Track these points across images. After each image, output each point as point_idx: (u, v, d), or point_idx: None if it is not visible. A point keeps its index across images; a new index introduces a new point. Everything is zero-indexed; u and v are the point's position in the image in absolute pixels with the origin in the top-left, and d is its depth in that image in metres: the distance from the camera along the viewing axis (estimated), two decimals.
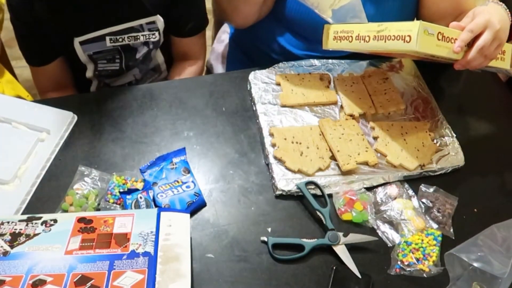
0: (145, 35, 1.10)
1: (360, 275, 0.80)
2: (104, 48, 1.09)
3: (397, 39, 0.85)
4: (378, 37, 0.89)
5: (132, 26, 1.07)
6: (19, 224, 0.77)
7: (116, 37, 1.08)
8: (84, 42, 1.06)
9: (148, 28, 1.09)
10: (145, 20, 1.08)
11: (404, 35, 0.83)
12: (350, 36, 0.95)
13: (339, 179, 0.91)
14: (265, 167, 0.94)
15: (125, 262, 0.72)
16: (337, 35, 0.98)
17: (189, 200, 0.87)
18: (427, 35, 0.82)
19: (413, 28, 0.82)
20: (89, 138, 0.97)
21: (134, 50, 1.13)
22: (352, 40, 0.95)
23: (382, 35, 0.88)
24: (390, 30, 0.86)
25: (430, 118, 1.03)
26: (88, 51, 1.09)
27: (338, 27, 0.98)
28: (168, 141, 0.97)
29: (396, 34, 0.85)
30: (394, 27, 0.86)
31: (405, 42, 0.83)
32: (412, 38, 0.82)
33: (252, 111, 1.03)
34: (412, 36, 0.82)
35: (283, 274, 0.81)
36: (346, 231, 0.84)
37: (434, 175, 0.94)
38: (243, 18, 1.14)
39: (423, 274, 0.82)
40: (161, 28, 1.11)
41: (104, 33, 1.06)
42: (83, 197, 0.86)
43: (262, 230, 0.86)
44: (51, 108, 0.98)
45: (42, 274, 0.70)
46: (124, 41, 1.09)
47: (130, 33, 1.08)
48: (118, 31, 1.07)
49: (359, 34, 0.93)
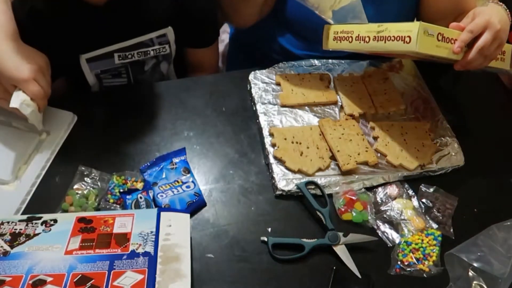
0: (156, 50, 1.06)
1: (360, 275, 0.80)
2: (113, 65, 1.05)
3: (397, 40, 0.85)
4: (378, 37, 0.89)
5: (142, 41, 1.03)
6: (19, 224, 0.77)
7: (125, 53, 1.03)
8: (91, 59, 1.02)
9: (159, 42, 1.05)
10: (155, 34, 1.03)
11: (404, 35, 0.83)
12: (350, 37, 0.95)
13: (339, 179, 0.91)
14: (265, 167, 0.94)
15: (125, 262, 0.72)
16: (337, 35, 0.98)
17: (189, 200, 0.87)
18: (427, 36, 0.82)
19: (413, 29, 0.82)
20: (89, 138, 0.97)
21: (142, 63, 1.09)
22: (352, 41, 0.95)
23: (382, 35, 0.88)
24: (390, 31, 0.86)
25: (430, 118, 1.03)
26: (96, 69, 1.05)
27: (338, 28, 0.98)
28: (168, 141, 0.97)
29: (396, 34, 0.85)
30: (394, 28, 0.86)
31: (405, 43, 0.83)
32: (412, 39, 0.82)
33: (252, 111, 1.03)
34: (412, 37, 0.82)
35: (283, 274, 0.81)
36: (346, 231, 0.84)
37: (434, 175, 0.94)
38: (243, 19, 1.13)
39: (423, 274, 0.82)
40: (171, 40, 1.06)
41: (112, 50, 1.02)
42: (83, 197, 0.86)
43: (262, 230, 0.86)
44: (51, 108, 0.98)
45: (42, 274, 0.70)
46: (134, 57, 1.04)
47: (139, 49, 1.04)
48: (127, 47, 1.02)
49: (359, 34, 0.93)
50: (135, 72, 1.10)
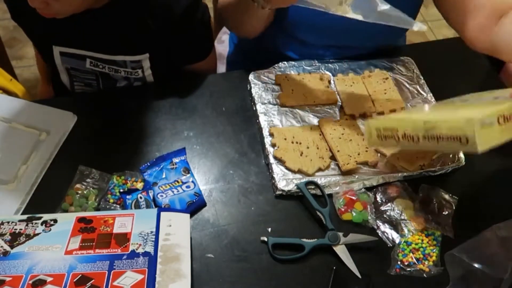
0: (127, 71, 1.04)
1: (360, 275, 0.80)
2: (83, 68, 1.04)
3: (451, 140, 0.72)
4: (428, 137, 0.75)
5: (114, 60, 1.02)
6: (19, 224, 0.77)
7: (96, 62, 1.02)
8: (64, 54, 1.02)
9: (132, 66, 1.03)
10: (129, 58, 1.02)
11: (459, 135, 0.70)
12: (396, 135, 0.81)
13: (339, 179, 0.91)
14: (265, 167, 0.94)
15: (125, 262, 0.72)
16: (380, 133, 0.85)
17: (189, 200, 0.87)
18: (486, 129, 0.68)
19: (467, 128, 0.69)
20: (89, 138, 0.97)
21: (113, 80, 1.08)
22: (399, 140, 0.81)
23: (432, 134, 0.75)
24: (441, 129, 0.73)
25: None
26: (67, 64, 1.05)
27: (379, 124, 0.85)
28: (168, 141, 0.97)
29: (449, 134, 0.72)
30: (444, 126, 0.72)
31: (462, 143, 0.70)
32: (470, 140, 0.69)
33: (252, 111, 1.03)
34: (469, 137, 0.69)
35: (283, 274, 0.81)
36: (346, 231, 0.84)
37: (434, 175, 0.94)
38: (247, 31, 1.09)
39: (423, 274, 0.82)
40: (145, 67, 1.04)
41: (85, 54, 1.02)
42: (83, 197, 0.86)
43: (262, 230, 0.86)
44: (51, 108, 0.98)
45: (42, 274, 0.70)
46: (105, 69, 1.03)
47: (111, 65, 1.03)
48: (99, 58, 1.02)
49: (405, 133, 0.79)
50: (105, 86, 1.09)
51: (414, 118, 0.82)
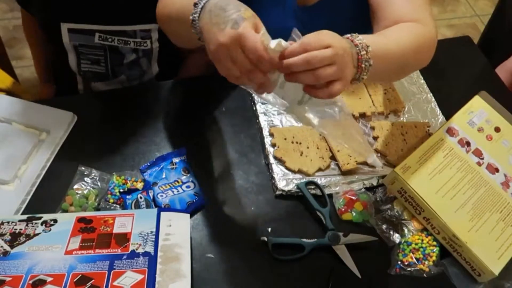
0: (136, 42, 1.06)
1: (360, 275, 0.80)
2: (92, 43, 1.06)
3: (467, 264, 0.83)
4: (450, 243, 0.84)
5: (125, 30, 1.04)
6: (19, 224, 0.77)
7: (106, 36, 1.04)
8: (73, 30, 1.03)
9: (141, 36, 1.05)
10: (139, 27, 1.04)
11: (475, 268, 0.82)
12: (418, 209, 0.86)
13: (339, 179, 0.91)
14: (265, 167, 0.94)
15: (125, 262, 0.72)
16: (403, 194, 0.87)
17: (189, 200, 0.87)
18: None
19: (488, 274, 0.80)
20: (89, 138, 0.97)
21: (121, 54, 1.09)
22: (420, 214, 0.86)
23: (453, 246, 0.83)
24: (465, 252, 0.82)
25: (430, 118, 1.03)
26: (75, 41, 1.06)
27: (407, 187, 0.86)
28: (168, 141, 0.97)
29: (468, 259, 0.82)
30: (470, 254, 0.81)
31: (474, 272, 0.82)
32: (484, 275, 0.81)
33: (252, 111, 1.03)
34: (485, 274, 0.81)
35: (283, 274, 0.81)
36: (346, 231, 0.84)
37: None
38: (182, 43, 0.94)
39: (423, 274, 0.82)
40: (154, 38, 1.07)
41: (94, 29, 1.03)
42: (83, 197, 0.86)
43: (262, 230, 0.86)
44: (51, 108, 0.98)
45: (42, 274, 0.70)
46: (114, 42, 1.05)
47: (121, 36, 1.05)
48: (109, 31, 1.04)
49: (430, 221, 0.85)
50: (113, 62, 1.11)
51: (445, 219, 0.83)
